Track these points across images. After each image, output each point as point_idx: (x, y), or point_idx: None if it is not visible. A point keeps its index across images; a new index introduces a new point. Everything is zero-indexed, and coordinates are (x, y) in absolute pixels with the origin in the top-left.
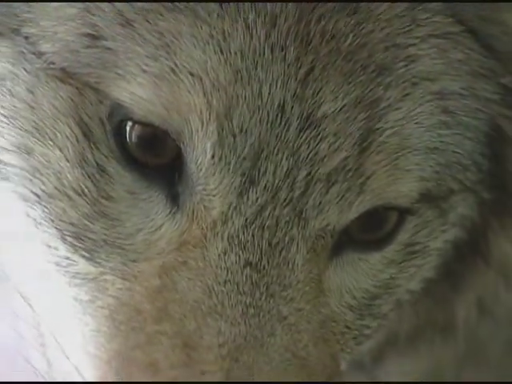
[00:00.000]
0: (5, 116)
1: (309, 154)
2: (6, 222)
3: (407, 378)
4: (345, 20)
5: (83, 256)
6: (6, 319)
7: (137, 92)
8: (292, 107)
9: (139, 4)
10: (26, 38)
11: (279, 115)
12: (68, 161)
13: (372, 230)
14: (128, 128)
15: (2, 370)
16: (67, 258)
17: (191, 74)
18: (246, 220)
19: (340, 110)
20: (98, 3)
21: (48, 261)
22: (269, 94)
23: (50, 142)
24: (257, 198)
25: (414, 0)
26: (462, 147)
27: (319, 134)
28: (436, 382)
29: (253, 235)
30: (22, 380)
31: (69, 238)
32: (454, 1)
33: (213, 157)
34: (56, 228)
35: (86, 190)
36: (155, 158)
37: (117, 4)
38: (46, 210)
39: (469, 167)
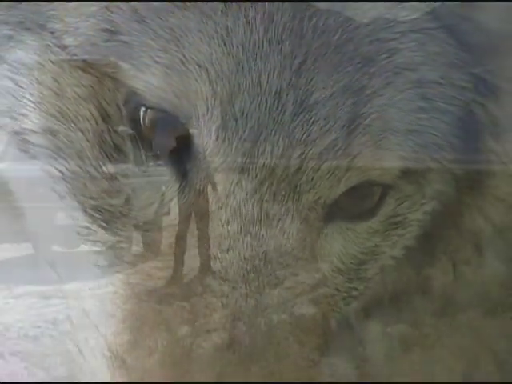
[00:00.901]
0: (32, 102)
1: (302, 136)
2: (34, 197)
3: (390, 336)
4: (334, 17)
5: (102, 226)
6: (34, 282)
7: (150, 81)
8: (287, 94)
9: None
10: (52, 32)
11: (276, 101)
12: (88, 141)
13: (358, 203)
14: (142, 113)
15: (33, 332)
16: (87, 228)
17: (198, 65)
18: (247, 194)
19: (330, 96)
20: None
21: (71, 231)
22: (267, 82)
23: (73, 125)
24: (256, 175)
25: (396, 0)
26: (438, 130)
27: (311, 118)
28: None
29: (253, 208)
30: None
31: (89, 211)
32: (431, 0)
33: (217, 138)
34: (78, 201)
35: (104, 168)
36: (166, 139)
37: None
38: (68, 185)
39: (445, 147)
